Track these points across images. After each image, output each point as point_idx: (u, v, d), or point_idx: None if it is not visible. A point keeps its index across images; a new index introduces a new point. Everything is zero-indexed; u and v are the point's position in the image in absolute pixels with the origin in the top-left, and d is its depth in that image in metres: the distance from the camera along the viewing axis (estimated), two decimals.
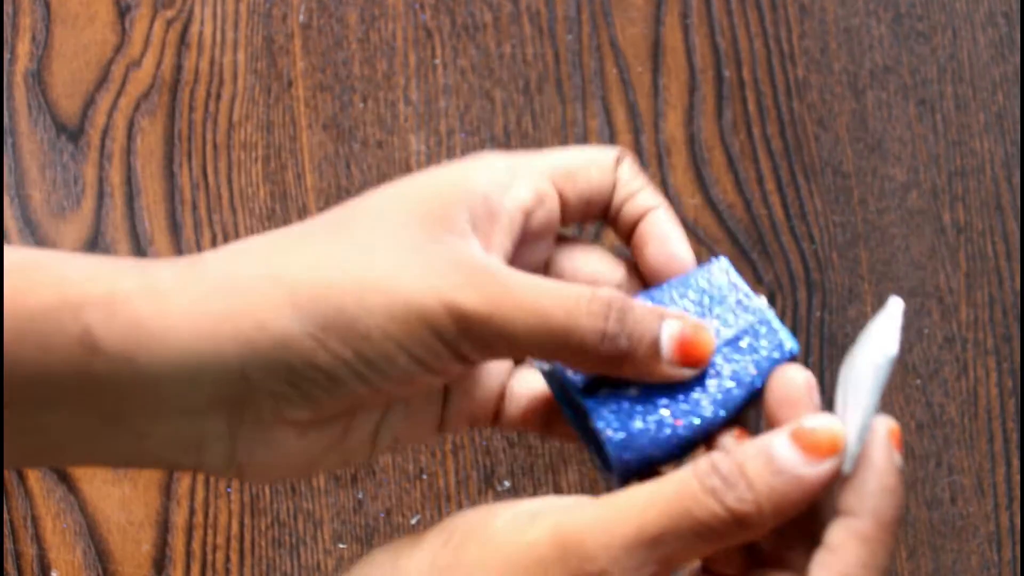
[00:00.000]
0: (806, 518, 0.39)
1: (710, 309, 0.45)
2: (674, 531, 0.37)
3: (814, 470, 0.38)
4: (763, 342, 0.44)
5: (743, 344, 0.44)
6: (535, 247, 0.46)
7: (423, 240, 0.41)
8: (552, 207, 0.45)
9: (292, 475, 0.43)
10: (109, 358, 0.38)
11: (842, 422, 0.39)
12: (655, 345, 0.42)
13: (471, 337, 0.40)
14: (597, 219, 0.48)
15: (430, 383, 0.42)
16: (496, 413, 0.48)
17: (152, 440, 0.40)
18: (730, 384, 0.44)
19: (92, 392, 0.39)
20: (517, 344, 0.41)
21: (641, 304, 0.43)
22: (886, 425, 0.39)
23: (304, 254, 0.40)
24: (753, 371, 0.44)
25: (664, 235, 0.46)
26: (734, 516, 0.37)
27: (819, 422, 0.39)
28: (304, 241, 0.41)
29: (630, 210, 0.47)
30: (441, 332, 0.40)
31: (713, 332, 0.44)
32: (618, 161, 0.47)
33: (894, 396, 0.74)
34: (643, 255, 0.46)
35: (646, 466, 0.43)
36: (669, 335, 0.42)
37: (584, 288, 0.42)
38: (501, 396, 0.47)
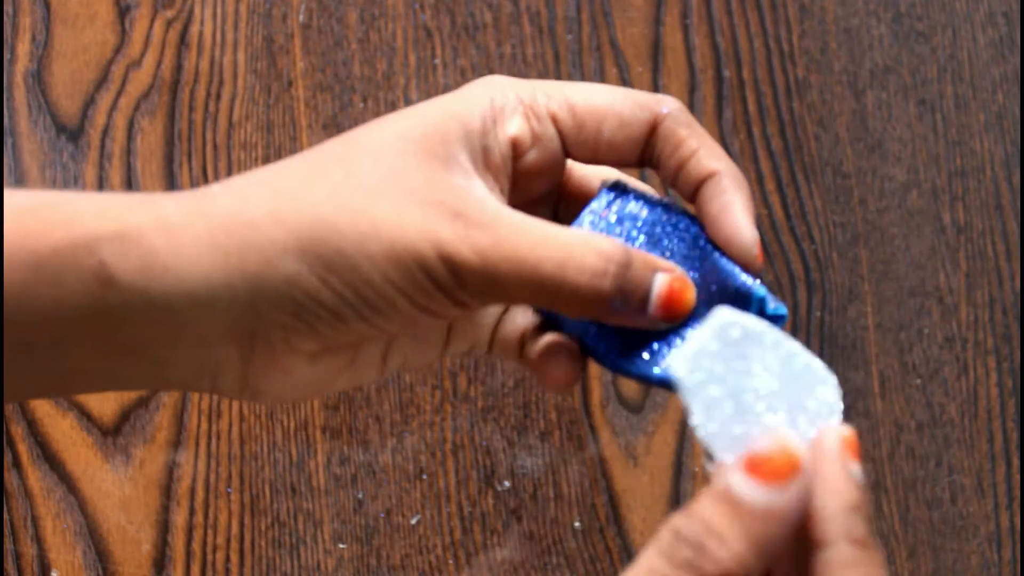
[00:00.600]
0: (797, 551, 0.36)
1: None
2: None
3: (783, 496, 0.35)
4: None
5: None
6: (535, 183, 0.45)
7: (424, 182, 0.41)
8: (551, 147, 0.44)
9: (306, 397, 0.44)
10: (123, 290, 0.39)
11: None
12: (644, 301, 0.42)
13: (465, 286, 0.41)
14: (619, 165, 0.46)
15: (431, 324, 0.43)
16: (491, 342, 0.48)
17: (168, 368, 0.41)
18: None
19: (107, 324, 0.40)
20: (509, 295, 0.41)
21: (636, 257, 0.42)
22: (836, 436, 0.37)
23: (308, 194, 0.41)
24: None
25: (724, 207, 0.44)
26: None
27: (767, 445, 0.35)
28: (308, 180, 0.41)
29: (688, 174, 0.44)
30: (438, 280, 0.40)
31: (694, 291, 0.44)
32: (661, 117, 0.44)
33: (895, 396, 0.74)
34: (708, 229, 0.44)
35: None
36: (657, 291, 0.42)
37: (576, 238, 0.41)
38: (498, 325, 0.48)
